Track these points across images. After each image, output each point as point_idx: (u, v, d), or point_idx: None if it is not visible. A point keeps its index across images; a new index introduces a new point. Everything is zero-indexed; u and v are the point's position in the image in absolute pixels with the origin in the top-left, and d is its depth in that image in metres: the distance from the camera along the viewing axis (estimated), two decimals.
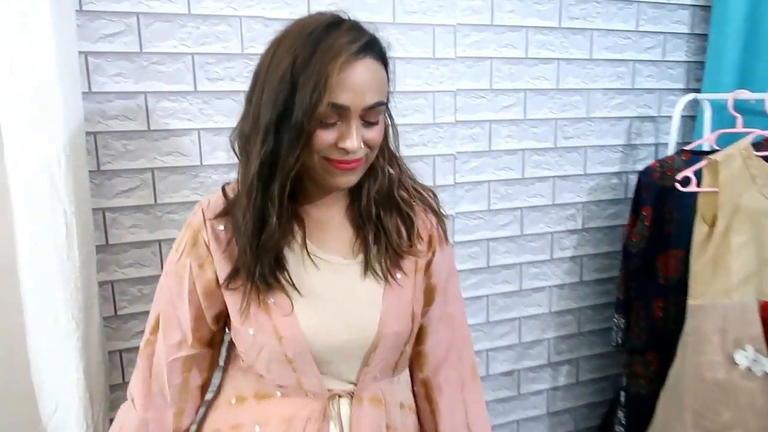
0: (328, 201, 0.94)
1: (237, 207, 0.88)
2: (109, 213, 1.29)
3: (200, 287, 0.91)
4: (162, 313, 0.94)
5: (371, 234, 0.93)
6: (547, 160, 1.68)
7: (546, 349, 1.80)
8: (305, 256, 0.91)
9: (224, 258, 0.90)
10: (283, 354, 0.88)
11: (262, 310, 0.88)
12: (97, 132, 1.26)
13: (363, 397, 0.93)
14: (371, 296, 0.92)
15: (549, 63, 1.63)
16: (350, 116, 0.83)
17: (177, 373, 0.94)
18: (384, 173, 0.93)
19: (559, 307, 1.78)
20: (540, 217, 1.71)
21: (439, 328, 1.02)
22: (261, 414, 0.92)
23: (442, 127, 1.54)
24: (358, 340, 0.91)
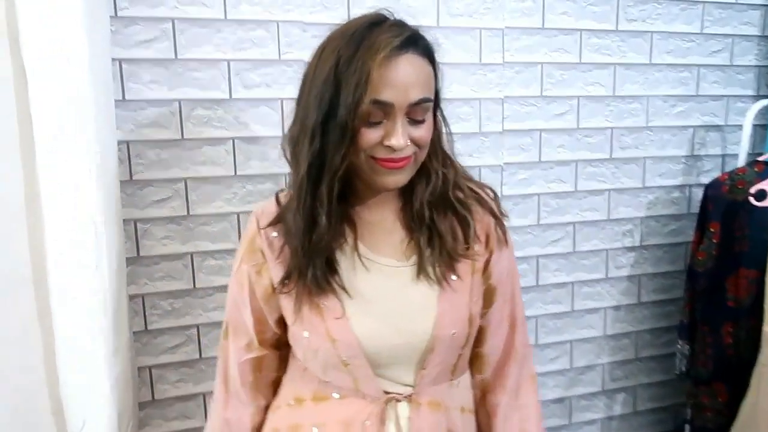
0: (379, 203, 0.94)
1: (288, 210, 0.90)
2: (140, 224, 1.26)
3: (259, 293, 0.94)
4: (230, 318, 0.98)
5: (424, 237, 0.93)
6: (602, 171, 1.58)
7: (600, 375, 1.68)
8: (356, 259, 0.91)
9: (278, 264, 0.91)
10: (338, 356, 0.89)
11: (315, 312, 0.89)
12: (130, 141, 1.23)
13: (421, 401, 0.93)
14: (424, 300, 0.91)
15: (605, 68, 1.53)
16: (395, 113, 0.83)
17: (248, 374, 0.98)
18: (437, 175, 0.93)
19: (614, 330, 1.67)
20: (594, 232, 1.60)
21: (498, 330, 1.01)
22: (319, 416, 0.93)
23: (489, 137, 1.46)
24: (411, 343, 0.90)
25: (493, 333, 1.00)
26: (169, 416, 1.34)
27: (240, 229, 1.32)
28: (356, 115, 0.81)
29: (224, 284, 1.33)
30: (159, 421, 1.34)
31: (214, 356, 1.35)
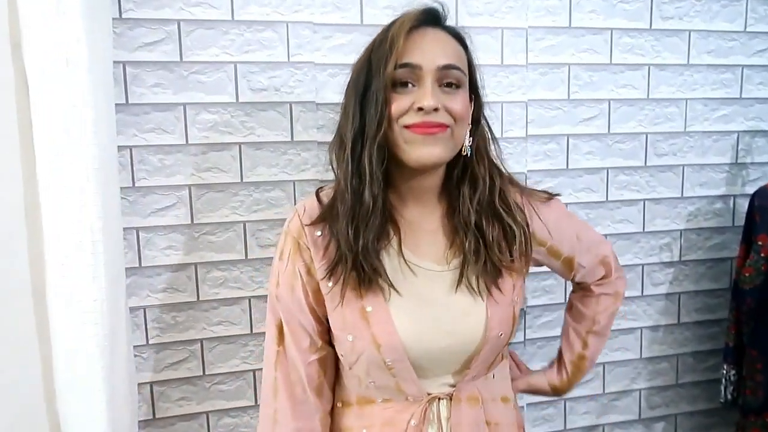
0: (420, 202, 0.97)
1: (332, 208, 0.93)
2: (143, 233, 1.23)
3: (311, 292, 0.94)
4: (285, 321, 0.96)
5: (470, 243, 0.95)
6: (635, 180, 1.48)
7: (636, 401, 1.57)
8: (401, 261, 0.94)
9: (324, 262, 0.93)
10: (382, 360, 0.91)
11: (360, 315, 0.91)
12: (133, 146, 1.20)
13: (461, 397, 0.96)
14: (469, 304, 0.94)
15: (638, 69, 1.44)
16: (424, 76, 0.88)
17: (315, 376, 0.97)
18: (485, 182, 0.96)
19: (651, 352, 1.56)
20: (628, 246, 1.50)
21: (596, 270, 1.11)
22: (365, 418, 0.96)
23: (512, 143, 1.39)
24: (458, 346, 0.94)
25: (590, 274, 1.11)
26: None
27: (246, 239, 1.27)
28: (386, 81, 0.87)
29: (230, 297, 1.29)
30: None
31: (219, 373, 1.30)
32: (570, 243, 1.09)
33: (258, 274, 1.29)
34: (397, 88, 0.89)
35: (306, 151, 1.28)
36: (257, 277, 1.29)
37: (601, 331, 1.16)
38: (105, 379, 1.15)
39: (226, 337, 1.29)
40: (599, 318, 1.15)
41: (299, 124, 1.27)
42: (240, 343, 1.30)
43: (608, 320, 1.16)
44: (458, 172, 0.98)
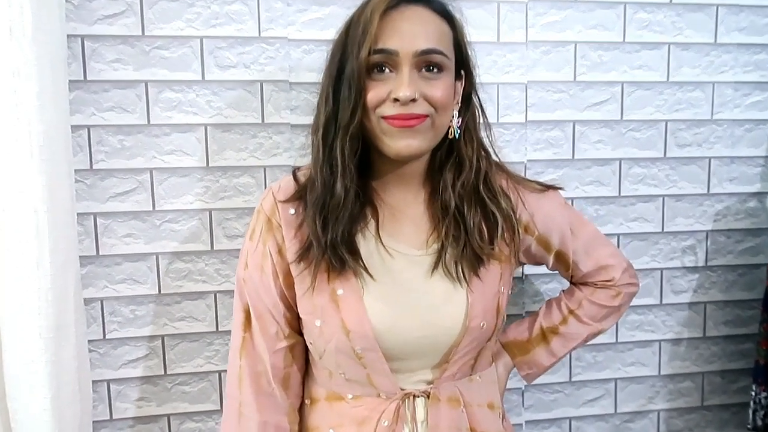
0: (401, 185, 0.93)
1: (306, 186, 0.90)
2: (101, 219, 1.16)
3: (281, 275, 0.91)
4: (252, 307, 0.93)
5: (450, 228, 0.92)
6: (653, 173, 1.34)
7: (654, 424, 1.42)
8: (378, 244, 0.91)
9: (295, 242, 0.90)
10: (351, 349, 0.87)
11: (330, 299, 0.88)
12: (91, 125, 1.14)
13: (440, 397, 0.91)
14: (450, 291, 0.90)
15: (656, 49, 1.30)
16: (400, 63, 0.84)
17: (280, 366, 0.94)
18: (471, 166, 0.92)
19: (672, 369, 1.40)
20: (644, 247, 1.36)
21: (600, 275, 1.05)
22: (334, 418, 0.92)
23: (509, 129, 1.28)
24: (436, 336, 0.89)
25: (594, 277, 1.05)
26: None
27: (212, 229, 1.20)
28: (360, 67, 0.83)
29: (194, 291, 1.21)
30: None
31: (182, 373, 1.22)
32: (560, 235, 1.04)
33: (225, 267, 1.20)
34: (374, 74, 0.85)
35: (278, 134, 1.19)
36: (224, 270, 1.20)
37: (584, 319, 1.07)
38: (50, 374, 1.08)
39: (189, 335, 1.21)
40: (585, 304, 1.07)
41: (271, 104, 1.19)
42: (204, 341, 1.22)
43: (596, 312, 1.06)
44: (442, 154, 0.95)
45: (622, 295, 1.06)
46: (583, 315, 1.06)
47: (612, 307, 1.06)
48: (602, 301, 1.06)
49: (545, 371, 1.11)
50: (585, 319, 1.06)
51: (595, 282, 1.06)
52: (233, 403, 0.93)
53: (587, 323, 1.07)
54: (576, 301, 1.07)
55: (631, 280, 1.07)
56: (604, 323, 1.08)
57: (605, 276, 1.05)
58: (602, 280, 1.06)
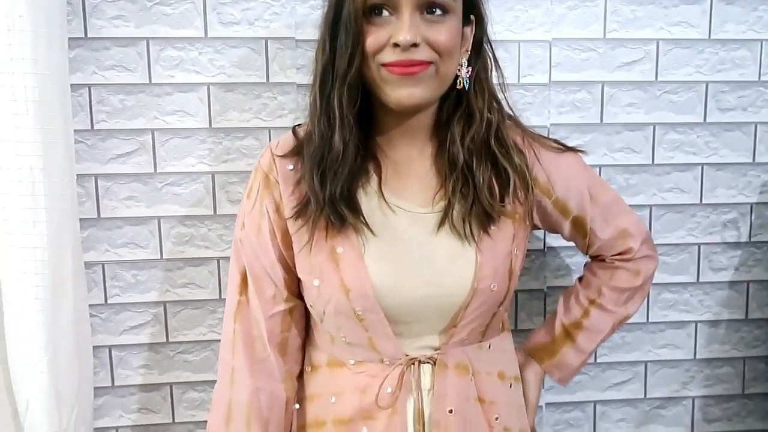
0: (407, 141, 0.90)
1: (305, 141, 0.87)
2: (102, 180, 1.15)
3: (279, 234, 0.88)
4: (249, 268, 0.90)
5: (458, 185, 0.87)
6: (691, 140, 1.24)
7: (688, 412, 1.33)
8: (380, 200, 0.87)
9: (293, 199, 0.87)
10: (351, 309, 0.84)
11: (329, 258, 0.85)
12: (92, 84, 1.13)
13: (448, 363, 0.87)
14: (458, 250, 0.86)
15: (696, 3, 1.20)
16: (400, 4, 0.79)
17: (277, 331, 0.91)
18: (481, 118, 0.87)
19: (710, 353, 1.31)
20: (680, 220, 1.27)
21: (616, 244, 0.99)
22: (335, 384, 0.89)
23: (531, 90, 1.20)
24: (441, 297, 0.85)
25: (610, 248, 0.98)
26: (130, 407, 1.21)
27: (215, 193, 1.17)
28: (357, 10, 0.78)
29: (196, 257, 1.19)
30: (119, 412, 1.21)
31: (184, 341, 1.21)
32: (579, 199, 0.97)
33: (228, 232, 1.17)
34: (372, 18, 0.81)
35: (283, 94, 1.15)
36: (227, 236, 1.17)
37: (607, 307, 0.99)
38: (47, 336, 1.08)
39: (191, 302, 1.19)
40: (606, 291, 0.99)
41: (276, 63, 1.14)
42: (207, 309, 1.19)
43: (618, 297, 0.99)
44: (449, 105, 0.90)
45: (642, 274, 0.99)
46: (606, 303, 1.00)
47: (634, 288, 0.99)
48: (623, 283, 1.00)
49: (577, 371, 1.05)
50: (608, 306, 1.00)
51: (613, 256, 0.99)
52: (226, 368, 0.91)
53: (611, 311, 1.00)
54: (595, 289, 1.01)
55: (650, 252, 1.01)
56: (630, 307, 1.02)
57: (623, 246, 0.99)
58: (619, 253, 0.99)
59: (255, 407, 0.88)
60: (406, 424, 0.85)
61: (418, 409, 0.85)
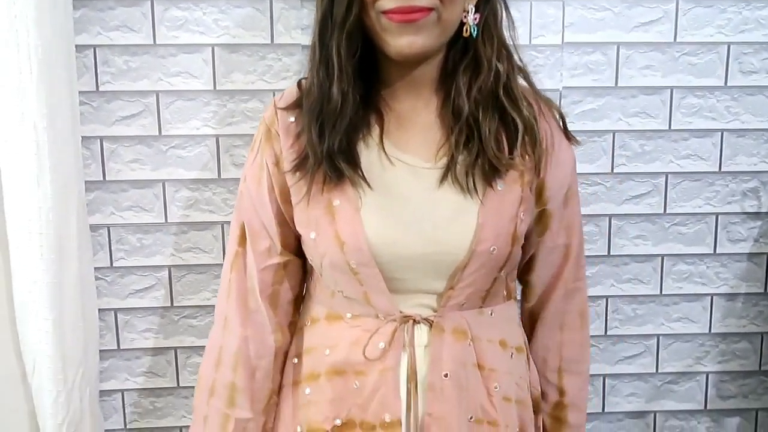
0: (412, 94, 0.88)
1: (307, 90, 0.86)
2: (107, 143, 1.16)
3: (278, 188, 0.89)
4: (246, 221, 0.92)
5: (462, 136, 0.85)
6: (711, 104, 1.21)
7: (701, 388, 1.30)
8: (381, 153, 0.86)
9: (292, 152, 0.87)
10: (346, 263, 0.84)
11: (326, 212, 0.85)
12: (97, 45, 1.13)
13: (444, 326, 0.86)
14: (460, 208, 0.84)
15: None
16: None
17: (268, 283, 0.92)
18: (490, 67, 0.84)
19: (726, 327, 1.28)
20: (697, 189, 1.24)
21: (549, 257, 0.95)
22: (331, 337, 0.89)
23: (543, 52, 1.18)
24: (438, 255, 0.84)
25: (542, 261, 0.95)
26: (136, 371, 1.23)
27: (219, 156, 1.17)
28: None
29: (200, 221, 1.20)
30: (124, 375, 1.23)
31: (189, 306, 1.22)
32: (557, 194, 0.90)
33: (232, 196, 1.18)
34: None
35: (288, 56, 1.15)
36: (231, 200, 1.18)
37: (575, 369, 0.97)
38: (52, 297, 1.10)
39: (196, 266, 1.20)
40: (565, 350, 0.96)
41: (281, 24, 1.14)
42: (211, 273, 1.20)
43: (579, 353, 0.97)
44: (456, 54, 0.87)
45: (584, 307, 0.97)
46: (570, 367, 0.96)
47: (586, 337, 0.98)
48: (576, 337, 0.96)
49: None
50: (577, 369, 0.97)
51: (546, 282, 0.95)
52: (220, 316, 0.93)
53: (580, 372, 0.97)
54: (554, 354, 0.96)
55: (579, 282, 0.96)
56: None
57: (556, 263, 0.94)
58: (551, 277, 0.95)
59: (243, 354, 0.90)
60: (398, 382, 0.84)
61: (411, 368, 0.83)
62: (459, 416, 0.83)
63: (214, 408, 0.91)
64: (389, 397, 0.83)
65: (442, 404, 0.83)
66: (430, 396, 0.83)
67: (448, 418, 0.83)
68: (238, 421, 0.90)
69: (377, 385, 0.83)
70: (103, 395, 1.22)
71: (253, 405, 0.91)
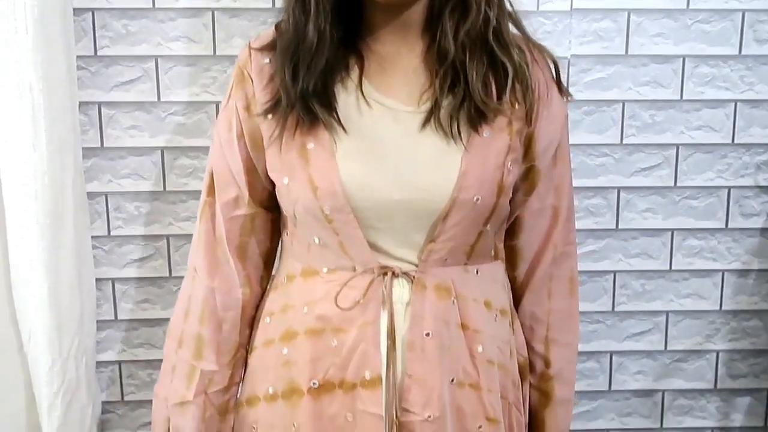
0: (397, 38, 0.84)
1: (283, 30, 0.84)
2: (105, 108, 1.16)
3: (248, 133, 0.86)
4: (215, 168, 0.90)
5: (447, 80, 0.82)
6: (724, 74, 1.19)
7: (711, 366, 1.29)
8: (359, 96, 0.83)
9: (265, 93, 0.85)
10: (320, 209, 0.81)
11: (299, 155, 0.82)
12: (95, 8, 1.13)
13: (426, 283, 0.83)
14: (442, 153, 0.81)
15: None
16: None
17: (235, 234, 0.90)
18: (479, 10, 0.81)
19: (737, 304, 1.27)
20: (709, 161, 1.22)
21: (537, 220, 0.92)
22: (308, 294, 0.86)
23: (551, 18, 1.16)
24: (418, 203, 0.81)
25: (530, 224, 0.91)
26: (133, 341, 1.23)
27: None
28: None
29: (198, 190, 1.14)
30: (120, 346, 1.23)
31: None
32: (547, 149, 0.87)
33: None
34: None
35: None
36: None
37: (563, 340, 0.94)
38: (47, 262, 1.09)
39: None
40: (553, 320, 0.93)
41: None
42: None
43: (567, 322, 0.94)
44: None
45: (575, 282, 0.95)
46: (558, 337, 0.93)
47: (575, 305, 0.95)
48: (566, 305, 0.93)
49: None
50: (563, 339, 0.94)
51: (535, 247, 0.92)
52: (190, 266, 0.93)
53: (569, 344, 0.95)
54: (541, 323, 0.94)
55: (570, 246, 0.94)
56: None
57: (543, 230, 0.91)
58: (540, 241, 0.92)
59: (210, 306, 0.89)
60: (378, 338, 0.81)
61: (390, 325, 0.81)
62: (440, 378, 0.81)
63: (182, 359, 0.91)
64: (369, 353, 0.81)
65: (423, 365, 0.81)
66: (410, 356, 0.81)
67: (429, 380, 0.81)
68: (203, 372, 0.89)
69: (356, 342, 0.81)
70: (100, 366, 1.22)
71: (219, 358, 0.90)
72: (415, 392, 0.80)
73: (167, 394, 0.91)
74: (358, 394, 0.81)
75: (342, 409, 0.82)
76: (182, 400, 0.90)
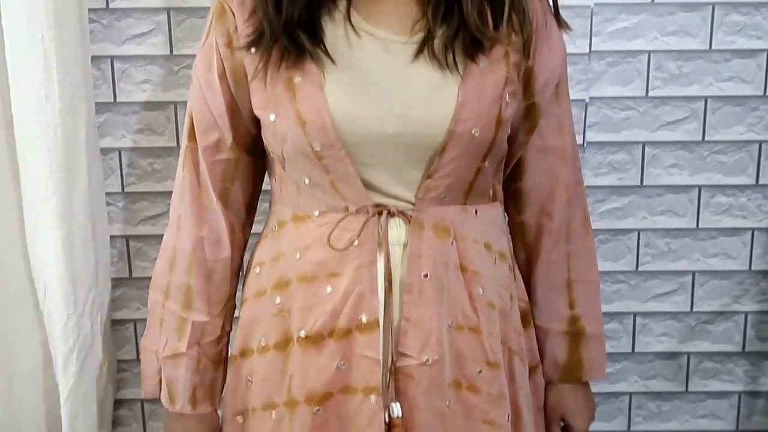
0: None
1: None
2: (117, 63, 1.16)
3: (230, 71, 0.84)
4: (195, 111, 0.88)
5: (440, 9, 0.79)
6: (757, 22, 1.16)
7: (739, 328, 1.27)
8: (348, 27, 0.81)
9: (248, 26, 0.82)
10: (309, 145, 0.79)
11: (286, 89, 0.80)
12: None
13: (424, 222, 0.81)
14: (437, 84, 0.80)
15: None
16: None
17: (219, 179, 0.89)
18: None
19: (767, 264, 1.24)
20: (738, 115, 1.20)
21: (541, 161, 0.90)
22: (299, 240, 0.85)
23: None
24: (412, 136, 0.79)
25: (534, 165, 0.90)
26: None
27: None
28: None
29: None
30: (136, 304, 1.24)
31: None
32: (547, 84, 0.86)
33: None
34: None
35: None
36: None
37: (585, 277, 0.93)
38: (62, 216, 1.09)
39: None
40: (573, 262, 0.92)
41: None
42: None
43: (587, 261, 0.94)
44: None
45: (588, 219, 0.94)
46: (580, 277, 0.92)
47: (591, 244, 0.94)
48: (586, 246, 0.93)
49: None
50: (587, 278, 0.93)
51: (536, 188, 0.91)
52: (174, 215, 0.92)
53: (591, 280, 0.94)
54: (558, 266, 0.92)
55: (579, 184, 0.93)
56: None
57: (554, 167, 0.89)
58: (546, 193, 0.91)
59: (198, 256, 0.88)
60: (375, 282, 0.80)
61: (387, 267, 0.80)
62: (438, 321, 0.80)
63: (170, 311, 0.90)
64: (366, 296, 0.80)
65: (420, 308, 0.80)
66: (407, 299, 0.80)
67: (427, 324, 0.80)
68: (195, 324, 0.89)
69: (352, 285, 0.80)
70: (115, 325, 1.23)
71: (210, 308, 0.90)
72: (412, 336, 0.80)
73: (157, 347, 0.91)
74: (354, 339, 0.80)
75: (331, 359, 0.80)
76: (175, 352, 0.90)
